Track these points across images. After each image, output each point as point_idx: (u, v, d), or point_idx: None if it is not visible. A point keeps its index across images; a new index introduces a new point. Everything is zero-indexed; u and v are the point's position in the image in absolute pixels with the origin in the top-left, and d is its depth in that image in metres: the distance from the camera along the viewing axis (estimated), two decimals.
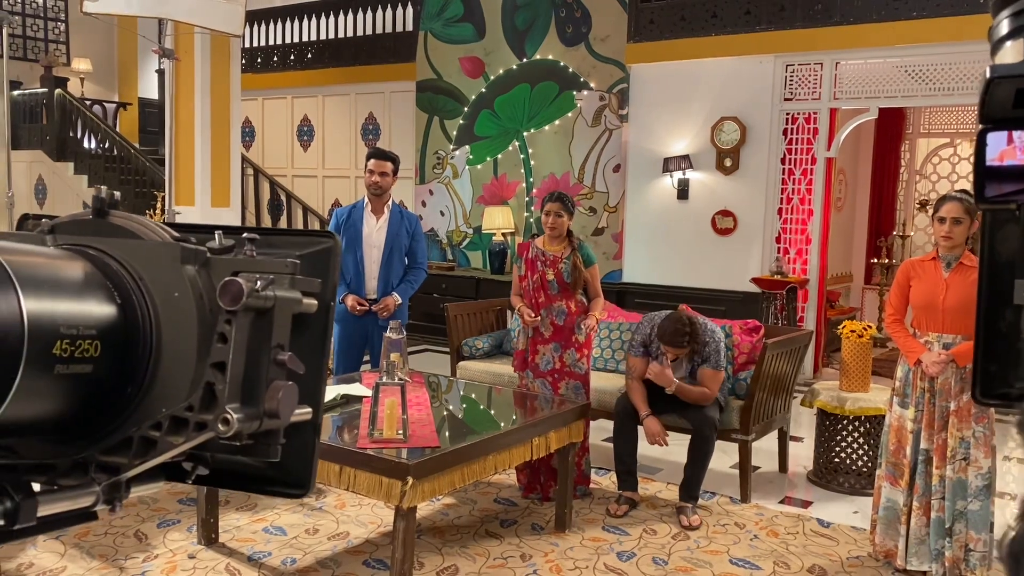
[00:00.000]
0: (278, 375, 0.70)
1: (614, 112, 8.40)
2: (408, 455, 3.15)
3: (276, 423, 0.70)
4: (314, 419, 0.76)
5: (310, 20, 10.59)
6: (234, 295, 0.67)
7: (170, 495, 4.32)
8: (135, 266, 0.71)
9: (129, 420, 0.70)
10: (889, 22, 6.99)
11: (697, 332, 4.09)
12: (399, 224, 4.77)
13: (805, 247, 7.72)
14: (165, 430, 0.69)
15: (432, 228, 9.71)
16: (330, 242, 0.81)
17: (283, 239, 0.80)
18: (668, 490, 4.56)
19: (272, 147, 11.16)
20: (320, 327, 0.77)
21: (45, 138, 10.57)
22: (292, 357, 0.71)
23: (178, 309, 0.70)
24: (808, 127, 7.58)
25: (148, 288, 0.70)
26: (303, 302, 0.73)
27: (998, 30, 0.65)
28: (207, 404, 0.68)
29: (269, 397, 0.69)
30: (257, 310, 0.69)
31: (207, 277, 0.71)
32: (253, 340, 0.69)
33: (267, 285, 0.69)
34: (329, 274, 0.78)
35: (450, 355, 5.66)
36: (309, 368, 0.74)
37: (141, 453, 0.70)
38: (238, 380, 0.68)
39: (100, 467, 0.71)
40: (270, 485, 0.79)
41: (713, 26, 7.76)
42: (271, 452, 0.73)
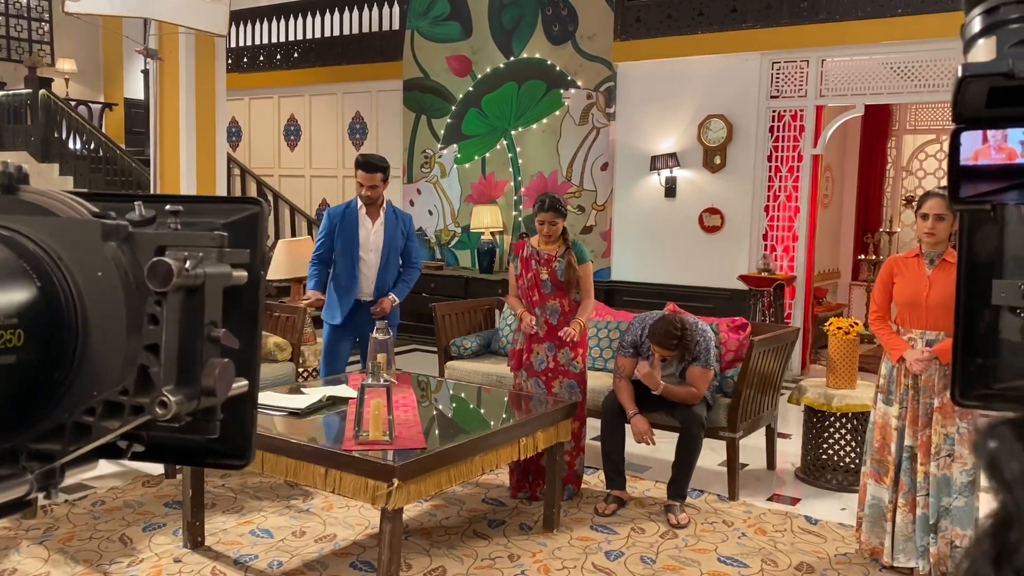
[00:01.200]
0: (213, 352, 0.69)
1: (601, 110, 8.39)
2: (394, 457, 3.13)
3: (213, 400, 0.69)
4: (251, 391, 0.75)
5: (296, 19, 10.55)
6: (164, 276, 0.65)
7: (156, 498, 4.29)
8: (52, 246, 0.68)
9: (59, 406, 0.68)
10: (874, 19, 7.01)
11: (687, 338, 4.08)
12: (395, 226, 4.76)
13: (792, 244, 7.74)
14: (99, 415, 0.68)
15: (420, 227, 9.68)
16: (256, 208, 0.79)
17: (207, 207, 0.78)
18: (656, 488, 4.56)
19: (259, 147, 11.11)
20: (252, 298, 0.76)
21: (30, 139, 10.48)
22: (226, 333, 0.70)
23: (102, 289, 0.67)
24: (795, 124, 7.60)
25: (69, 268, 0.68)
26: (233, 275, 0.72)
27: (970, 28, 0.64)
28: (142, 387, 0.67)
29: (206, 375, 0.68)
30: (188, 288, 0.67)
31: (130, 253, 0.68)
32: (185, 319, 0.67)
33: (197, 263, 0.67)
34: (257, 242, 0.77)
35: (438, 355, 5.65)
36: (242, 340, 0.73)
37: (75, 439, 0.68)
38: (173, 361, 0.67)
39: (32, 455, 0.69)
40: (210, 457, 0.78)
41: (699, 24, 7.76)
42: (210, 428, 0.72)
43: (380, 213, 4.73)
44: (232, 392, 0.72)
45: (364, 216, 4.71)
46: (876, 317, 3.69)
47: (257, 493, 4.41)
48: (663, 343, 4.06)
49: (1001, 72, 0.59)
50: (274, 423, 3.61)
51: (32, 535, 3.81)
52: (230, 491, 4.43)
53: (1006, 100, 0.61)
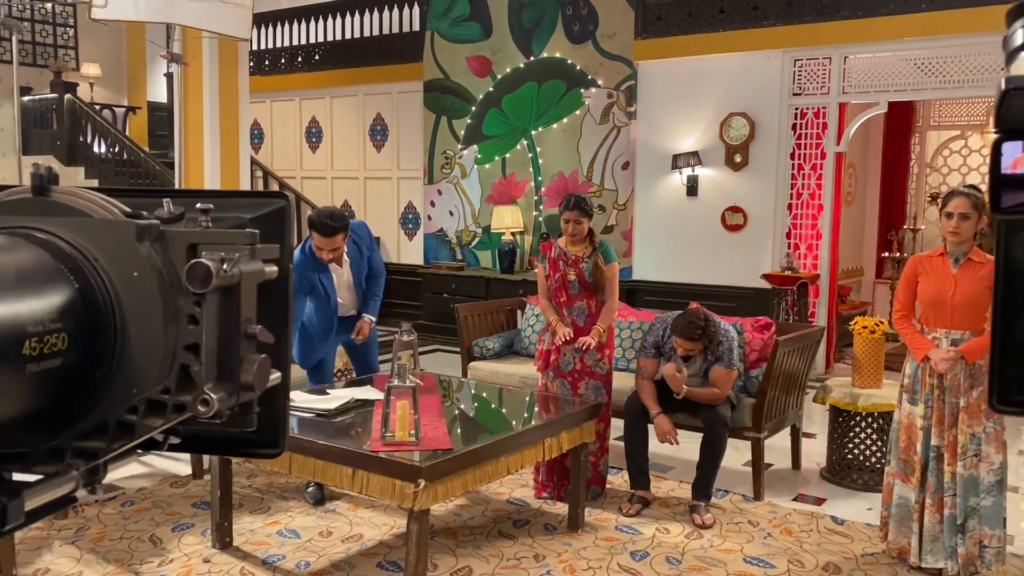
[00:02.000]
0: (249, 348, 0.71)
1: (622, 109, 8.38)
2: (420, 457, 3.15)
3: (252, 395, 0.71)
4: (284, 382, 0.77)
5: (317, 22, 10.61)
6: (203, 278, 0.67)
7: (184, 499, 4.34)
8: (88, 247, 0.69)
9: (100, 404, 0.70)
10: (898, 15, 6.96)
11: (711, 330, 4.09)
12: (358, 253, 4.42)
13: (815, 242, 7.69)
14: (142, 413, 0.70)
15: (441, 228, 9.72)
16: (282, 202, 0.80)
17: (233, 201, 0.79)
18: (681, 488, 4.56)
19: (281, 149, 11.19)
20: (282, 292, 0.77)
21: (56, 143, 10.61)
22: (262, 329, 0.71)
23: (139, 289, 0.69)
24: (817, 122, 7.55)
25: (105, 269, 0.69)
26: (266, 271, 0.73)
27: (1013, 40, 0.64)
28: (184, 386, 0.68)
29: (244, 371, 0.70)
30: (225, 288, 0.69)
31: (163, 251, 0.70)
32: (223, 318, 0.69)
33: (234, 263, 0.68)
34: (285, 237, 0.78)
35: (461, 356, 5.67)
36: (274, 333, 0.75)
37: (118, 437, 0.70)
38: (213, 359, 0.68)
39: (76, 452, 0.71)
40: (244, 447, 0.79)
41: (721, 22, 7.73)
42: (247, 423, 0.74)
43: (345, 258, 4.36)
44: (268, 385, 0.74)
45: (333, 266, 4.34)
46: (900, 316, 3.67)
47: (284, 493, 4.45)
48: (686, 334, 4.06)
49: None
50: (302, 424, 3.64)
51: (64, 535, 3.87)
52: (257, 492, 4.47)
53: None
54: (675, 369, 4.12)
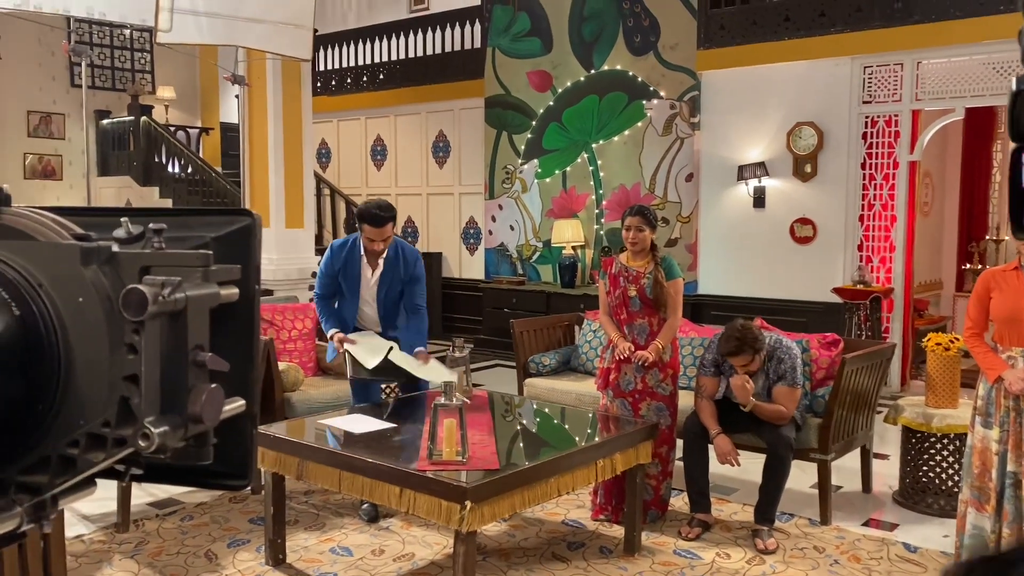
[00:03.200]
0: (200, 377, 0.66)
1: (685, 120, 8.24)
2: (467, 478, 3.10)
3: (202, 427, 0.66)
4: (249, 409, 0.72)
5: (380, 42, 10.76)
6: (138, 305, 0.62)
7: (242, 514, 4.38)
8: (32, 271, 0.66)
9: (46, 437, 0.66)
10: (973, 18, 6.67)
11: (751, 338, 3.93)
12: (395, 269, 4.34)
13: (889, 255, 7.40)
14: (83, 447, 0.66)
15: (502, 243, 9.70)
16: (248, 220, 0.75)
17: (198, 219, 0.75)
18: (743, 511, 4.39)
19: (347, 167, 11.36)
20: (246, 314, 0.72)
21: (132, 164, 10.99)
22: (213, 357, 0.66)
23: (84, 316, 0.65)
24: (889, 130, 7.28)
25: (49, 294, 0.65)
26: (221, 294, 0.68)
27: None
28: (124, 418, 0.64)
29: (192, 402, 0.65)
30: (168, 314, 0.64)
31: (113, 274, 0.66)
32: (168, 346, 0.64)
33: (175, 288, 0.63)
34: (250, 256, 0.73)
35: (517, 372, 5.61)
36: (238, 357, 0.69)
37: (61, 472, 0.66)
38: (155, 390, 0.64)
39: (20, 488, 0.67)
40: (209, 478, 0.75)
41: (786, 29, 7.54)
42: (202, 455, 0.70)
43: (379, 262, 4.34)
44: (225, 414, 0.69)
45: (365, 265, 4.35)
46: (971, 334, 3.46)
47: (339, 510, 4.45)
48: (725, 349, 3.95)
49: None
50: (351, 440, 3.63)
51: (124, 549, 3.94)
52: (313, 508, 4.48)
53: None
54: (743, 381, 3.97)
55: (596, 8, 8.73)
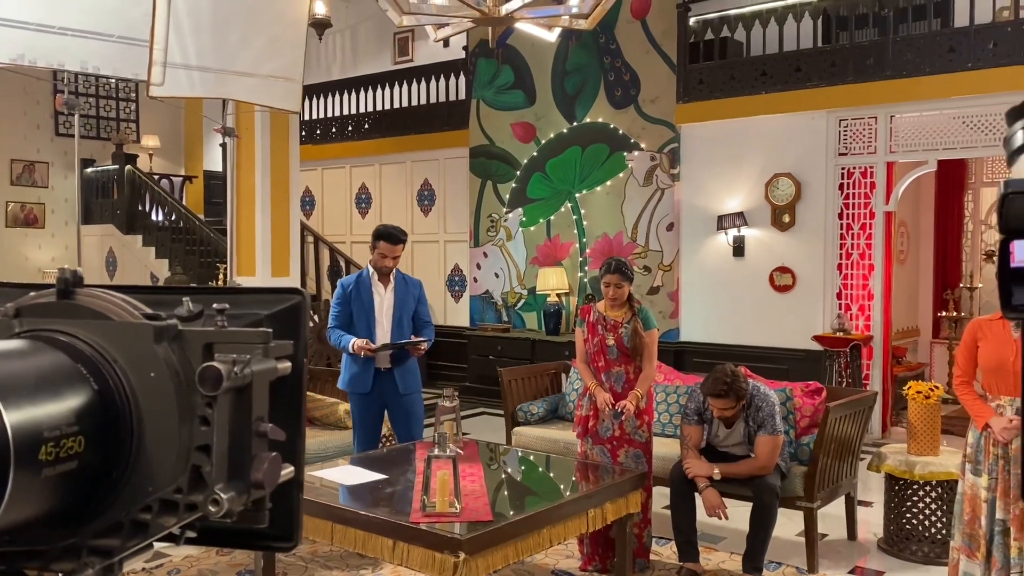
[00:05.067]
0: (261, 446, 0.71)
1: (665, 171, 8.41)
2: (460, 529, 3.12)
3: (262, 493, 0.71)
4: (297, 476, 0.77)
5: (366, 92, 10.92)
6: (214, 381, 0.68)
7: (230, 567, 4.34)
8: (108, 348, 0.71)
9: (116, 503, 0.71)
10: (944, 73, 6.90)
11: (739, 385, 4.01)
12: (405, 291, 4.84)
13: (868, 303, 7.54)
14: (156, 512, 0.70)
15: (487, 290, 9.77)
16: (298, 298, 0.81)
17: (250, 298, 0.81)
18: (732, 560, 4.42)
19: (332, 215, 11.43)
20: (295, 386, 0.78)
21: (116, 212, 11.00)
22: (274, 428, 0.72)
23: (155, 389, 0.70)
24: (865, 181, 7.48)
25: (123, 370, 0.71)
26: (278, 369, 0.74)
27: (1013, 141, 0.63)
28: (195, 485, 0.69)
29: (255, 470, 0.70)
30: (237, 388, 0.70)
31: (180, 351, 0.71)
32: (235, 418, 0.70)
33: (245, 364, 0.69)
34: (300, 332, 0.79)
35: (505, 421, 5.63)
36: (288, 427, 0.75)
37: (132, 535, 0.71)
38: (224, 459, 0.69)
39: (92, 551, 0.72)
40: (259, 540, 0.80)
41: (763, 84, 7.76)
42: (259, 519, 0.74)
43: (391, 280, 4.84)
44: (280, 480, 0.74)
45: (376, 283, 4.81)
46: (960, 382, 3.55)
47: (328, 562, 4.43)
48: (713, 391, 4.02)
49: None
50: (343, 492, 3.63)
51: None
52: (301, 560, 4.46)
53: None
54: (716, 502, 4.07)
55: (578, 63, 8.94)
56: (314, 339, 8.65)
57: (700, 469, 4.11)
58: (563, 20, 4.64)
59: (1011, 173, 0.63)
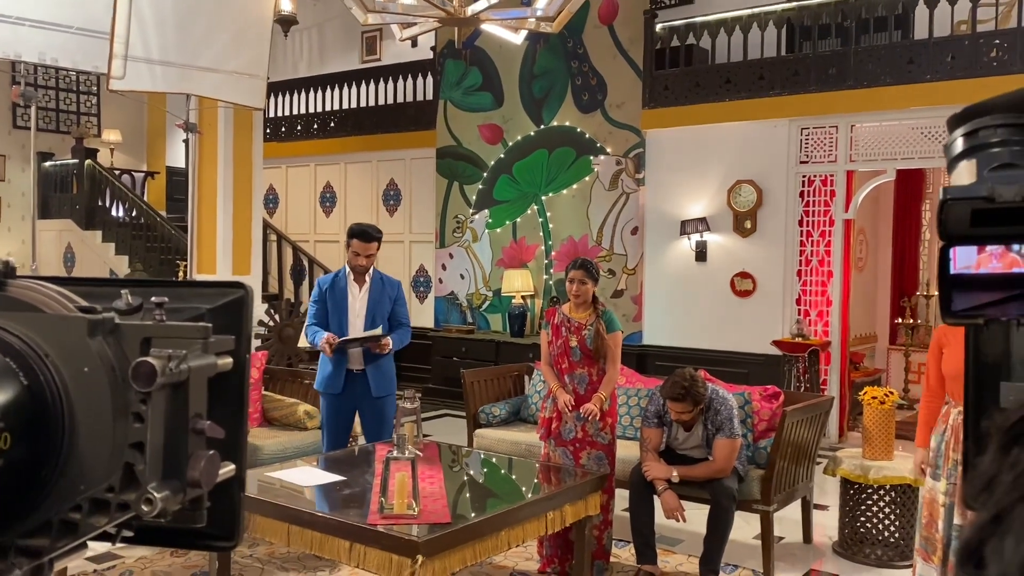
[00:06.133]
0: (198, 444, 0.70)
1: (631, 176, 8.46)
2: (418, 532, 3.11)
3: (199, 492, 0.70)
4: (238, 474, 0.76)
5: (332, 90, 10.84)
6: (148, 377, 0.66)
7: (184, 568, 4.28)
8: (39, 342, 0.69)
9: (46, 502, 0.69)
10: (903, 84, 7.03)
11: (697, 390, 4.05)
12: (380, 292, 4.84)
13: (826, 309, 7.65)
14: (86, 512, 0.69)
15: (452, 291, 9.75)
16: (241, 292, 0.80)
17: (192, 291, 0.79)
18: (689, 563, 4.45)
19: (295, 213, 11.33)
20: (237, 382, 0.77)
21: (75, 207, 10.81)
22: (211, 425, 0.71)
23: (89, 384, 0.68)
24: (825, 189, 7.59)
25: (56, 364, 0.68)
26: (218, 364, 0.73)
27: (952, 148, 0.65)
28: (128, 484, 0.67)
29: (191, 468, 0.69)
30: (172, 384, 0.68)
31: (116, 344, 0.69)
32: (170, 415, 0.68)
33: (181, 360, 0.68)
34: (243, 327, 0.78)
35: (467, 422, 5.62)
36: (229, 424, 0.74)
37: (62, 535, 0.69)
38: (158, 457, 0.68)
39: (20, 551, 0.70)
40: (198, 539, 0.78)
41: (727, 91, 7.84)
42: (197, 519, 0.73)
43: (367, 280, 4.85)
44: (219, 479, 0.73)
45: (352, 283, 4.82)
46: (925, 397, 3.61)
47: (284, 564, 4.38)
48: (671, 394, 4.06)
49: (981, 196, 0.60)
50: (300, 493, 3.60)
51: None
52: (257, 562, 4.41)
53: (988, 221, 0.62)
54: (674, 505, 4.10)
55: (545, 66, 8.97)
56: (275, 338, 8.57)
57: (659, 472, 4.14)
58: (529, 23, 4.66)
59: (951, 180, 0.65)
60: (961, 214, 0.62)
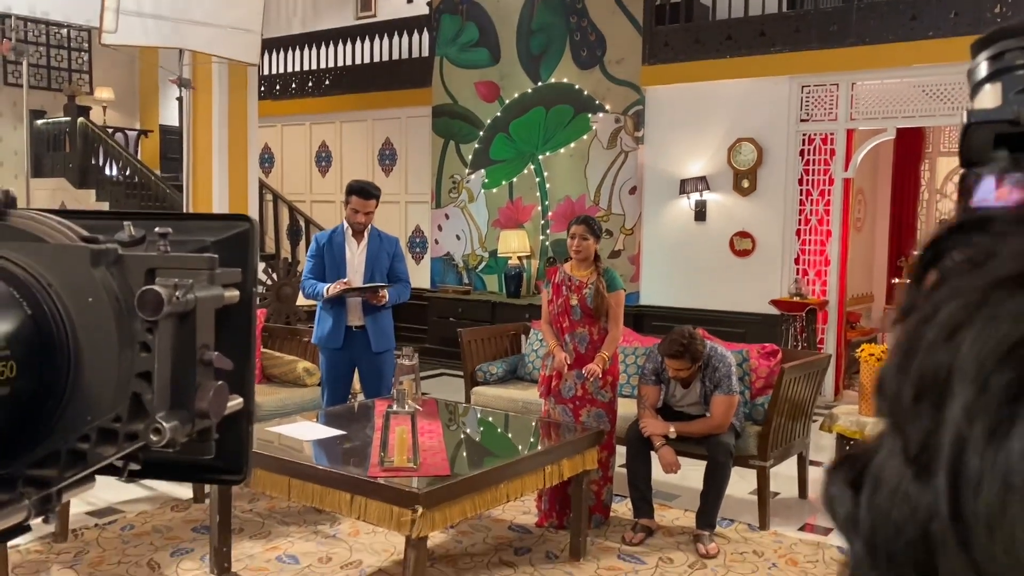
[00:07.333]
0: (206, 375, 0.69)
1: (630, 134, 8.40)
2: (418, 484, 3.13)
3: (208, 423, 0.69)
4: (246, 407, 0.75)
5: (327, 47, 10.70)
6: (154, 305, 0.65)
7: (184, 523, 4.32)
8: (42, 272, 0.68)
9: (53, 433, 0.69)
10: (905, 42, 6.96)
11: (696, 347, 4.06)
12: (379, 247, 4.85)
13: (824, 268, 7.65)
14: (94, 442, 0.68)
15: (448, 252, 9.73)
16: (246, 225, 0.78)
17: (197, 224, 0.78)
18: (685, 517, 4.50)
19: (291, 173, 11.26)
20: (244, 316, 0.76)
21: (68, 166, 10.72)
22: (219, 356, 0.70)
23: (93, 314, 0.67)
24: (825, 148, 7.54)
25: (59, 294, 0.68)
26: (224, 296, 0.72)
27: (976, 72, 0.63)
28: (136, 414, 0.67)
29: (199, 399, 0.68)
30: (179, 314, 0.67)
31: (120, 275, 0.68)
32: (177, 345, 0.67)
33: (188, 289, 0.67)
34: (248, 260, 0.76)
35: (464, 381, 5.64)
36: (236, 357, 0.73)
37: (71, 465, 0.69)
38: (166, 387, 0.67)
39: (28, 481, 0.70)
40: (206, 473, 0.78)
41: (728, 48, 7.75)
42: (205, 450, 0.72)
43: (365, 236, 4.86)
44: (227, 411, 0.72)
45: (349, 238, 4.83)
46: None
47: (285, 518, 4.42)
48: (670, 351, 4.06)
49: (1007, 119, 0.58)
50: (301, 447, 3.62)
51: (63, 559, 3.85)
52: (258, 516, 4.45)
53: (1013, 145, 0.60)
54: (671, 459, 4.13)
55: (544, 22, 8.85)
56: (272, 297, 8.56)
57: (656, 428, 4.16)
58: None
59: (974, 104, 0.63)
60: (984, 138, 0.61)
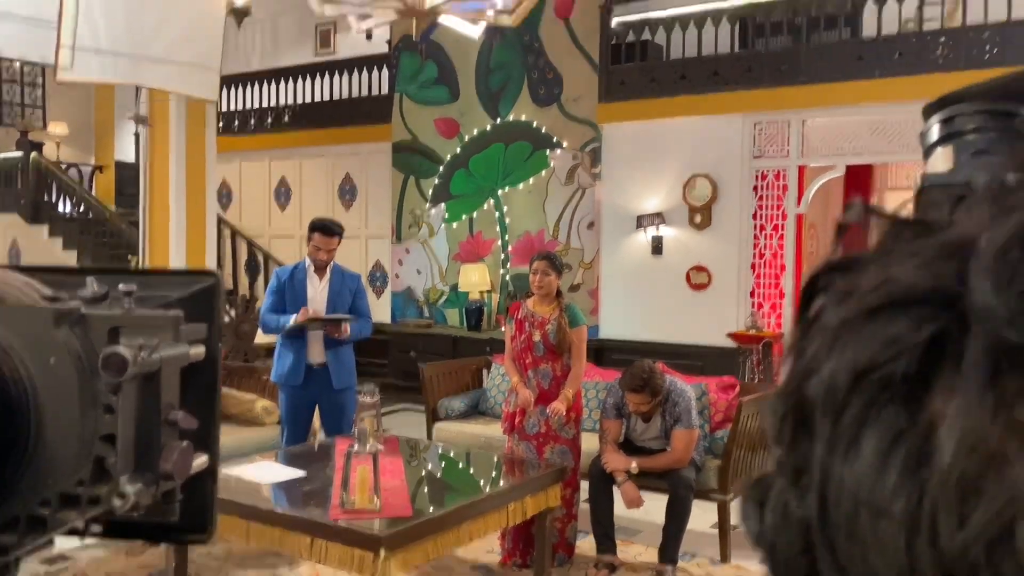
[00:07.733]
0: (171, 435, 0.69)
1: (587, 170, 8.51)
2: (380, 526, 3.10)
3: (172, 484, 0.69)
4: (211, 466, 0.75)
5: (287, 83, 10.70)
6: (118, 367, 0.65)
7: (139, 568, 4.21)
8: (3, 333, 0.67)
9: (12, 498, 0.68)
10: (853, 81, 7.17)
11: (656, 382, 4.10)
12: (341, 284, 4.85)
13: (779, 301, 7.78)
14: (55, 507, 0.67)
15: (409, 286, 9.71)
16: (212, 280, 0.78)
17: (160, 279, 0.78)
18: (648, 552, 4.50)
19: (250, 208, 11.17)
20: (209, 372, 0.75)
21: (20, 201, 10.53)
22: (184, 415, 0.69)
23: (55, 376, 0.66)
24: (778, 183, 7.71)
25: (20, 356, 0.67)
26: (190, 354, 0.72)
27: (929, 136, 0.66)
28: (99, 477, 0.66)
29: (164, 460, 0.67)
30: (144, 375, 0.67)
31: (83, 335, 0.67)
32: (142, 406, 0.66)
33: (152, 349, 0.67)
34: (214, 315, 0.76)
35: (426, 416, 5.61)
36: (202, 415, 0.73)
37: (30, 531, 0.68)
38: (130, 449, 0.66)
39: None
40: (171, 533, 0.77)
41: (682, 87, 7.92)
42: (170, 512, 0.71)
43: (327, 272, 4.86)
44: (192, 471, 0.71)
45: (312, 274, 4.83)
46: None
47: (243, 561, 4.33)
48: (631, 385, 4.10)
49: (958, 183, 0.61)
50: (259, 490, 3.57)
51: None
52: (215, 559, 4.35)
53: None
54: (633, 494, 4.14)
55: (502, 60, 8.96)
56: (231, 335, 8.45)
57: (618, 463, 4.18)
58: (488, 15, 4.65)
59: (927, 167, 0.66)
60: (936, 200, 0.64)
